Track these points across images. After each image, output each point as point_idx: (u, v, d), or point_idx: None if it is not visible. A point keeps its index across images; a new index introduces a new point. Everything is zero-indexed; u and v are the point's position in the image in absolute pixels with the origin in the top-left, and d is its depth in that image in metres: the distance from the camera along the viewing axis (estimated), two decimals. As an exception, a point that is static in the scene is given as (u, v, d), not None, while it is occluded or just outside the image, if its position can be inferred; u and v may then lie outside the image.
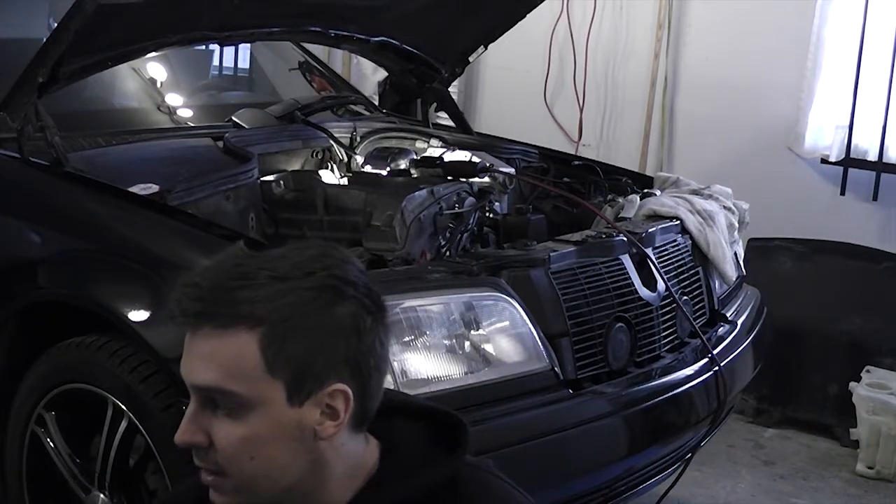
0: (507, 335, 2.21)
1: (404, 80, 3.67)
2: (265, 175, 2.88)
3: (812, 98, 4.08)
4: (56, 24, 2.49)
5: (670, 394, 2.46)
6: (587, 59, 4.68)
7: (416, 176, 3.04)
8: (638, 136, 4.61)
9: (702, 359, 2.61)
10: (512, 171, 3.19)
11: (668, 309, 2.61)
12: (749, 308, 3.05)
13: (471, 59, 3.64)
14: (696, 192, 3.03)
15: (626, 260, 2.54)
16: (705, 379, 2.57)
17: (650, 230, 2.67)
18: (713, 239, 2.85)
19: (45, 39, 2.51)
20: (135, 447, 2.20)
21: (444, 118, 3.77)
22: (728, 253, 2.91)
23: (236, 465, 1.16)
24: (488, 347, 2.17)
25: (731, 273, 2.91)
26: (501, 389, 2.15)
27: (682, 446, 2.62)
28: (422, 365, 2.08)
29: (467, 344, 2.16)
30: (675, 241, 2.78)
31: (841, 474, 3.58)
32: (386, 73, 3.76)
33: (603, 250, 2.51)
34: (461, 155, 3.11)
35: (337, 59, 5.01)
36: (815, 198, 4.21)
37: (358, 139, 3.30)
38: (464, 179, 3.00)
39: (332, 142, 3.18)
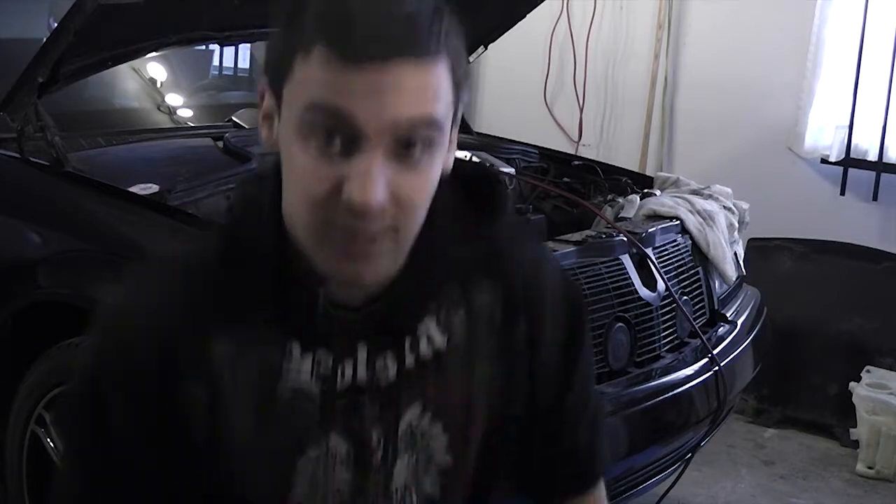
0: (507, 335, 2.20)
1: (404, 79, 3.66)
2: (265, 175, 2.87)
3: (812, 98, 4.08)
4: (56, 24, 2.49)
5: (670, 394, 2.46)
6: (587, 59, 4.67)
7: (416, 176, 3.04)
8: (638, 136, 4.61)
9: (702, 359, 2.60)
10: (512, 171, 3.19)
11: (668, 309, 2.61)
12: (749, 308, 3.05)
13: (471, 59, 3.64)
14: (696, 192, 3.03)
15: (626, 260, 2.54)
16: (705, 379, 2.56)
17: (650, 230, 2.67)
18: (713, 239, 2.85)
19: (45, 39, 2.51)
20: (135, 447, 2.20)
21: (443, 118, 3.76)
22: (728, 253, 2.91)
23: (415, 216, 1.03)
24: (488, 347, 2.17)
25: (731, 273, 2.91)
26: (501, 389, 2.15)
27: (682, 446, 2.62)
28: (422, 365, 2.07)
29: (467, 344, 2.15)
30: (675, 241, 2.78)
31: (841, 474, 3.58)
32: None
33: (603, 250, 2.51)
34: (461, 155, 3.11)
35: (337, 59, 5.00)
36: (815, 198, 4.20)
37: (358, 139, 3.29)
38: (464, 179, 2.99)
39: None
